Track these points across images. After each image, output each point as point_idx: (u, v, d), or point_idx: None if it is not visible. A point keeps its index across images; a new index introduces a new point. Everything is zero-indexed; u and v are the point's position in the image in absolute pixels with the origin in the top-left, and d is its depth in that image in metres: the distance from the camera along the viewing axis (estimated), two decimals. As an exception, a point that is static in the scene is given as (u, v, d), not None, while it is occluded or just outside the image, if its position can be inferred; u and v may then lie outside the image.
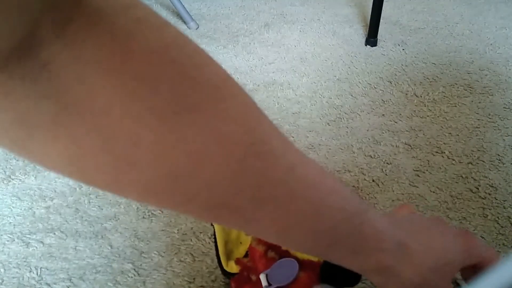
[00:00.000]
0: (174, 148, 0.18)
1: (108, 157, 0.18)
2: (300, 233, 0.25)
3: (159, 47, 0.18)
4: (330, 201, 0.24)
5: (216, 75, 0.20)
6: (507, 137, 0.67)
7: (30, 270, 0.49)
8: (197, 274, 0.48)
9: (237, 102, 0.21)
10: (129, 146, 0.18)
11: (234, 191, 0.21)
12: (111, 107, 0.17)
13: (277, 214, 0.23)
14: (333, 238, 0.26)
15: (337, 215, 0.25)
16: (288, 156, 0.23)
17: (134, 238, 0.52)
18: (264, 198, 0.22)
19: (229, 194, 0.21)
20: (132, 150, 0.18)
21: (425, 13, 1.08)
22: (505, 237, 0.51)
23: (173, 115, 0.18)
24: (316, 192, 0.24)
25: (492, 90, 0.78)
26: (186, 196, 0.20)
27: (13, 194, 0.58)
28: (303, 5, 1.14)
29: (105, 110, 0.17)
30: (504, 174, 0.60)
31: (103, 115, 0.17)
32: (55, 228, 0.54)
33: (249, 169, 0.21)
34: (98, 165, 0.19)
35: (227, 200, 0.21)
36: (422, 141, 0.66)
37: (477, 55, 0.89)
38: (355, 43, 0.95)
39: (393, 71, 0.84)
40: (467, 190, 0.58)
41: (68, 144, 0.18)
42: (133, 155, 0.18)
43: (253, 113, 0.22)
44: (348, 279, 0.38)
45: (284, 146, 0.23)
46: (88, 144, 0.18)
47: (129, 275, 0.48)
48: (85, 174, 0.20)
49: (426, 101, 0.75)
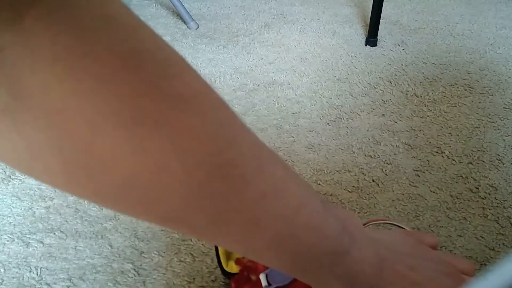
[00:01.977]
0: (129, 157, 0.17)
1: (57, 159, 0.17)
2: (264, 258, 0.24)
3: (125, 51, 0.17)
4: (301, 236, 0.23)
5: (187, 87, 0.19)
6: (507, 137, 0.67)
7: (30, 270, 0.49)
8: (197, 274, 0.48)
9: (207, 120, 0.19)
10: (80, 150, 0.17)
11: (194, 210, 0.20)
12: (64, 106, 0.16)
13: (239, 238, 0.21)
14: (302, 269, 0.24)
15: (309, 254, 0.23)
16: (261, 183, 0.21)
17: (134, 238, 0.52)
18: (226, 222, 0.20)
19: (188, 212, 0.20)
20: (83, 154, 0.17)
21: (425, 13, 1.08)
22: (505, 237, 0.51)
23: (132, 124, 0.17)
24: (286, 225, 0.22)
25: (492, 90, 0.78)
26: (142, 206, 0.19)
27: (13, 194, 0.58)
28: (303, 5, 1.14)
29: (58, 108, 0.16)
30: (504, 174, 0.60)
31: (55, 113, 0.16)
32: (55, 228, 0.54)
33: (212, 191, 0.19)
34: (47, 166, 0.18)
35: (185, 217, 0.20)
36: (422, 141, 0.66)
37: (477, 55, 0.89)
38: (355, 43, 0.95)
39: (393, 71, 0.84)
40: (467, 190, 0.58)
41: (17, 139, 0.17)
42: (85, 160, 0.17)
43: (226, 133, 0.20)
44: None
45: (259, 170, 0.21)
46: (37, 143, 0.17)
47: (129, 275, 0.48)
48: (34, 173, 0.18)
49: (426, 101, 0.75)
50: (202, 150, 0.19)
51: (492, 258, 0.49)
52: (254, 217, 0.21)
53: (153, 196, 0.19)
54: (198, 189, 0.19)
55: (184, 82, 0.19)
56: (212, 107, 0.20)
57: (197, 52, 0.94)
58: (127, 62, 0.17)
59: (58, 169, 0.18)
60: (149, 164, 0.18)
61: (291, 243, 0.23)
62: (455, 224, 0.53)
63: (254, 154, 0.21)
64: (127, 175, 0.18)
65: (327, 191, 0.58)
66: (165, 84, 0.18)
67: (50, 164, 0.17)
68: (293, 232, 0.23)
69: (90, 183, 0.18)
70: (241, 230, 0.21)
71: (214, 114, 0.20)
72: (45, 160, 0.17)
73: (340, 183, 0.59)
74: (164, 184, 0.18)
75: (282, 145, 0.67)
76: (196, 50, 0.95)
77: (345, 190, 0.58)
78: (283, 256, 0.23)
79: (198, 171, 0.19)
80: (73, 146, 0.17)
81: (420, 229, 0.52)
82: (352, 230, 0.27)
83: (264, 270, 0.40)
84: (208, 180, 0.19)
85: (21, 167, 0.18)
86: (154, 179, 0.18)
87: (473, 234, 0.52)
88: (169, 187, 0.18)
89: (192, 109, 0.19)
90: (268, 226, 0.21)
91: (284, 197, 0.22)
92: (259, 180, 0.21)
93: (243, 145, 0.20)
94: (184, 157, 0.18)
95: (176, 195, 0.19)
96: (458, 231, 0.52)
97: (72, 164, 0.17)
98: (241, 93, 0.79)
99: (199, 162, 0.19)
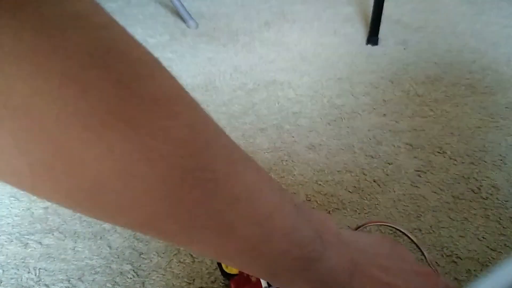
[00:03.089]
0: (98, 161, 0.17)
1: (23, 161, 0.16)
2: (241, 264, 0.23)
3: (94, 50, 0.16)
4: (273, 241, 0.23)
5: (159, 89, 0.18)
6: (510, 137, 0.66)
7: (28, 271, 0.49)
8: (197, 275, 0.47)
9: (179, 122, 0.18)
10: (47, 151, 0.16)
11: (165, 216, 0.19)
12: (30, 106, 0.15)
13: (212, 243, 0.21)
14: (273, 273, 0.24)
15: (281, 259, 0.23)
16: (235, 187, 0.21)
17: (133, 239, 0.52)
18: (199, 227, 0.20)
19: (159, 218, 0.19)
20: (51, 156, 0.16)
21: (427, 12, 1.07)
22: (507, 237, 0.51)
23: (100, 126, 0.16)
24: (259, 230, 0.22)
25: (494, 90, 0.77)
26: (111, 211, 0.19)
27: (11, 194, 0.58)
28: (304, 4, 1.14)
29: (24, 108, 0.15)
30: (506, 174, 0.59)
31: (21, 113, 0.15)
32: (53, 229, 0.53)
33: (184, 196, 0.19)
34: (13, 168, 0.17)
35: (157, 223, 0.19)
36: (424, 141, 0.66)
37: (479, 54, 0.88)
38: (356, 42, 0.94)
39: (395, 71, 0.84)
40: (469, 190, 0.57)
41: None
42: (51, 162, 0.16)
43: (199, 136, 0.19)
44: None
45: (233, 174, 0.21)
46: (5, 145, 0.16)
47: (128, 276, 0.48)
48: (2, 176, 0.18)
49: (427, 101, 0.75)
50: (174, 153, 0.18)
51: (494, 259, 0.49)
52: (227, 222, 0.20)
53: (122, 202, 0.18)
54: (169, 195, 0.18)
55: (156, 83, 0.18)
56: (185, 109, 0.19)
57: (196, 51, 0.94)
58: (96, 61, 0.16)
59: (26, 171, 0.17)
60: (117, 169, 0.17)
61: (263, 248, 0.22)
62: (457, 225, 0.53)
63: (227, 158, 0.20)
64: (94, 179, 0.17)
65: (327, 191, 0.58)
66: (136, 85, 0.17)
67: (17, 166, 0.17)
68: (265, 238, 0.22)
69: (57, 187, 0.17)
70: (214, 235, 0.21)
71: (187, 116, 0.19)
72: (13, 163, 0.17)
73: (341, 184, 0.59)
74: (133, 190, 0.18)
75: (282, 145, 0.66)
76: (195, 49, 0.95)
77: (346, 190, 0.58)
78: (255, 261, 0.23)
79: (170, 176, 0.18)
80: (40, 148, 0.16)
81: (421, 230, 0.52)
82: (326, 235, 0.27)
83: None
84: (179, 185, 0.18)
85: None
86: (123, 184, 0.17)
87: (475, 235, 0.51)
88: (138, 193, 0.18)
89: (164, 111, 0.18)
90: (241, 231, 0.21)
91: (257, 201, 0.22)
92: (231, 184, 0.20)
93: (216, 149, 0.20)
94: (155, 161, 0.17)
95: (146, 201, 0.18)
96: (459, 231, 0.52)
97: (40, 167, 0.17)
98: (241, 93, 0.79)
99: (170, 166, 0.18)
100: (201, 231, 0.20)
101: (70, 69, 0.16)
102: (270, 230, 0.22)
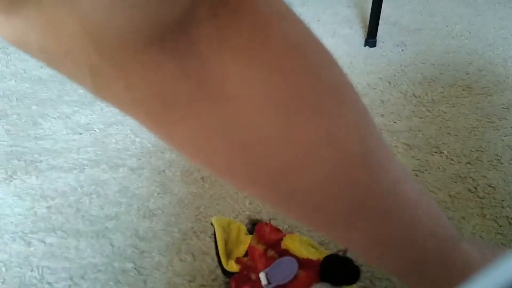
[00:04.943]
0: (288, 144, 0.18)
1: (225, 143, 0.18)
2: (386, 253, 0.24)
3: (294, 42, 0.18)
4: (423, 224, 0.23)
5: (338, 77, 0.20)
6: (506, 137, 0.67)
7: (31, 270, 0.49)
8: (198, 273, 0.48)
9: (353, 108, 0.20)
10: (247, 135, 0.18)
11: (335, 198, 0.20)
12: (238, 93, 0.17)
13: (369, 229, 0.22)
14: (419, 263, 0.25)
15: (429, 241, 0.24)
16: (393, 171, 0.22)
17: (135, 238, 0.52)
18: (361, 210, 0.21)
19: (330, 200, 0.20)
20: (249, 140, 0.18)
21: (424, 13, 1.08)
22: (503, 236, 0.52)
23: (294, 112, 0.18)
24: (412, 212, 0.23)
25: (490, 91, 0.78)
26: (288, 193, 0.20)
27: (15, 194, 0.59)
28: (303, 5, 1.15)
29: (232, 95, 0.17)
30: (502, 174, 0.60)
31: (227, 100, 0.17)
32: (56, 228, 0.54)
33: (354, 178, 0.20)
34: (215, 149, 0.19)
35: (325, 206, 0.20)
36: (421, 141, 0.67)
37: (476, 55, 0.89)
38: (355, 44, 0.95)
39: (392, 72, 0.85)
40: (466, 190, 0.58)
41: (193, 124, 0.18)
42: (249, 146, 0.18)
43: (366, 122, 0.21)
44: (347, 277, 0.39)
45: (390, 159, 0.22)
46: (210, 127, 0.18)
47: (130, 274, 0.48)
48: (202, 155, 0.19)
49: (425, 102, 0.76)
50: (350, 137, 0.19)
51: (490, 257, 0.49)
52: (386, 204, 0.22)
53: (301, 183, 0.19)
54: (343, 176, 0.20)
55: (335, 72, 0.20)
56: (356, 96, 0.21)
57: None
58: (296, 53, 0.18)
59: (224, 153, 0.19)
60: (303, 153, 0.18)
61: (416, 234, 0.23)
62: (454, 224, 0.53)
63: (383, 144, 0.22)
64: (281, 162, 0.19)
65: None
66: (323, 74, 0.19)
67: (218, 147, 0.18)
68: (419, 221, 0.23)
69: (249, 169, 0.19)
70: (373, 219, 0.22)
71: (357, 103, 0.20)
72: (214, 143, 0.18)
73: (339, 183, 0.60)
74: (313, 171, 0.19)
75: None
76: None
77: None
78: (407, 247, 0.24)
79: (345, 158, 0.19)
80: (240, 131, 0.18)
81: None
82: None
83: (264, 269, 0.40)
84: (352, 167, 0.20)
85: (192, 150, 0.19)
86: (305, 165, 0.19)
87: (472, 234, 0.52)
88: (317, 174, 0.19)
89: (343, 97, 0.20)
90: (397, 214, 0.22)
91: (409, 185, 0.23)
92: (391, 168, 0.22)
93: (375, 135, 0.21)
94: (335, 144, 0.19)
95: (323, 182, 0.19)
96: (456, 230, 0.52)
97: (237, 149, 0.18)
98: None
99: (346, 150, 0.19)
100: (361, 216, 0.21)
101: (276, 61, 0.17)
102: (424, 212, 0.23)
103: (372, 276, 0.47)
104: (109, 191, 0.59)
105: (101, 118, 0.73)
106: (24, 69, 0.87)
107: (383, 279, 0.47)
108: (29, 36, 0.15)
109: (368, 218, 0.22)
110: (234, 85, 0.17)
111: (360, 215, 0.21)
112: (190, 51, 0.16)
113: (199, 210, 0.56)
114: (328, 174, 0.19)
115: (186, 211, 0.56)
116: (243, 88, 0.17)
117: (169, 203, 0.57)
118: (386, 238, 0.23)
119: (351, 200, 0.21)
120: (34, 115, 0.74)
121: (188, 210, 0.56)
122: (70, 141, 0.68)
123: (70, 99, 0.78)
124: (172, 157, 0.64)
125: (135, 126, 0.71)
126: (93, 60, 0.16)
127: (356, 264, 0.39)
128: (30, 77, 0.85)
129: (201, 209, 0.56)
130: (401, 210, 0.22)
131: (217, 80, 0.17)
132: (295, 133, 0.18)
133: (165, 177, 0.61)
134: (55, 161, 0.64)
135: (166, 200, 0.57)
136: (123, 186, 0.60)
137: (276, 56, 0.17)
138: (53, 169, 0.62)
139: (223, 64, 0.17)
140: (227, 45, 0.17)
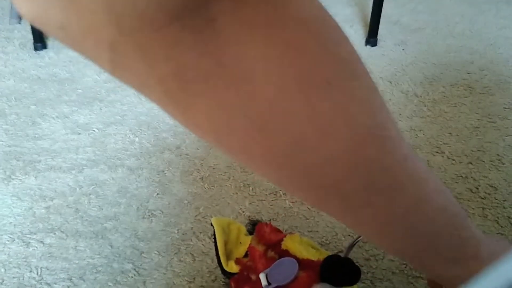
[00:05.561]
0: (304, 119, 0.18)
1: (241, 120, 0.18)
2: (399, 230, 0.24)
3: (308, 18, 0.18)
4: (434, 198, 0.24)
5: (350, 53, 0.20)
6: (507, 137, 0.67)
7: (30, 270, 0.49)
8: (197, 274, 0.48)
9: (364, 83, 0.20)
10: (264, 111, 0.18)
11: (350, 173, 0.20)
12: (255, 70, 0.17)
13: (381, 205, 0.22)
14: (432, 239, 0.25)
15: (439, 215, 0.24)
16: (402, 146, 0.22)
17: (134, 238, 0.52)
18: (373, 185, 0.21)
19: (345, 176, 0.20)
20: (266, 116, 0.18)
21: (426, 13, 1.08)
22: (504, 237, 0.51)
23: (310, 87, 0.18)
24: (422, 187, 0.23)
25: (492, 90, 0.78)
26: (302, 171, 0.20)
27: (13, 194, 0.59)
28: (303, 5, 1.14)
29: (249, 71, 0.17)
30: (504, 174, 0.60)
31: (245, 77, 0.17)
32: (55, 228, 0.54)
33: (368, 152, 0.20)
34: (232, 126, 0.19)
35: (341, 183, 0.21)
36: (422, 141, 0.66)
37: (477, 55, 0.89)
38: (355, 43, 0.94)
39: (393, 71, 0.84)
40: (467, 190, 0.58)
41: (210, 101, 0.18)
42: (265, 123, 0.18)
43: (376, 97, 0.21)
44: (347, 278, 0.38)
45: (399, 135, 0.22)
46: (227, 104, 0.18)
47: (129, 275, 0.48)
48: (218, 134, 0.20)
49: (426, 101, 0.75)
50: (362, 111, 0.20)
51: (492, 258, 0.49)
52: (398, 179, 0.22)
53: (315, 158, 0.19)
54: (355, 151, 0.20)
55: (347, 48, 0.20)
56: (366, 72, 0.21)
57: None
58: (310, 28, 0.18)
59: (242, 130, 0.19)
60: (319, 125, 0.19)
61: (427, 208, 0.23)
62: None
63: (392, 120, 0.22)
64: (297, 138, 0.19)
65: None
66: (336, 49, 0.19)
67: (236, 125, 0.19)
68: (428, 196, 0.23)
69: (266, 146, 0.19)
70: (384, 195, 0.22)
71: (368, 78, 0.21)
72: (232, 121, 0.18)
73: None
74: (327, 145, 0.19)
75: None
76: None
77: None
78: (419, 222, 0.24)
79: (358, 132, 0.19)
80: (257, 107, 0.18)
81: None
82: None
83: (264, 269, 0.40)
84: (364, 141, 0.20)
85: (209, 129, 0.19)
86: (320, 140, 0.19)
87: (473, 234, 0.52)
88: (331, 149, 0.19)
89: (355, 73, 0.20)
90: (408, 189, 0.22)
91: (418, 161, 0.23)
92: (400, 143, 0.22)
93: (385, 110, 0.21)
94: (349, 119, 0.19)
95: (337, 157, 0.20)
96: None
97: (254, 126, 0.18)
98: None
99: (359, 123, 0.20)
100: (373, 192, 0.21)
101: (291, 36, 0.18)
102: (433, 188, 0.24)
103: (372, 276, 0.47)
104: (108, 192, 0.59)
105: (100, 118, 0.73)
106: (22, 68, 0.87)
107: (384, 279, 0.47)
108: (49, 12, 0.15)
109: (381, 192, 0.22)
110: (251, 62, 0.17)
111: (374, 189, 0.21)
112: (209, 29, 0.16)
113: (198, 210, 0.56)
114: (343, 148, 0.19)
115: (186, 212, 0.55)
116: (260, 65, 0.17)
117: (169, 204, 0.57)
118: (399, 212, 0.23)
119: (366, 174, 0.21)
120: (33, 115, 0.74)
121: (188, 210, 0.56)
122: (69, 141, 0.68)
123: (69, 99, 0.78)
124: (171, 157, 0.64)
125: (134, 126, 0.71)
126: (113, 37, 0.16)
127: (357, 265, 0.39)
128: (29, 77, 0.84)
129: (201, 210, 0.56)
130: (412, 184, 0.22)
131: (235, 57, 0.17)
132: (311, 108, 0.18)
133: (165, 178, 0.61)
134: (53, 161, 0.64)
135: (165, 200, 0.57)
136: (122, 187, 0.59)
137: (292, 32, 0.18)
138: (51, 169, 0.62)
139: (241, 41, 0.17)
140: (245, 21, 0.17)
